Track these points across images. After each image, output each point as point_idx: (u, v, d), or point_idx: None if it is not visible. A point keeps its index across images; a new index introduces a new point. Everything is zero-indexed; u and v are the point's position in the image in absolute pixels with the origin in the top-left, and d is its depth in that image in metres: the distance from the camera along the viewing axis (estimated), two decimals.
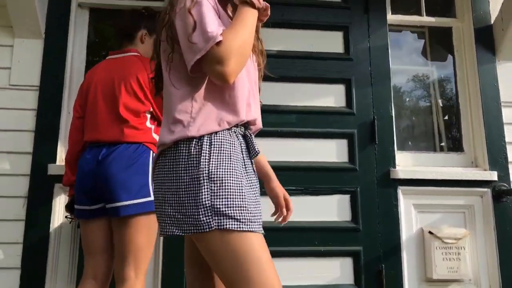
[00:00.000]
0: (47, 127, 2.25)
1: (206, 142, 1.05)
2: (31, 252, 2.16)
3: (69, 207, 1.93)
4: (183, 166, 1.04)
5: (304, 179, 2.38)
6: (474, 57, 2.62)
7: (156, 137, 1.86)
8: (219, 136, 1.07)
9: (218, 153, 1.05)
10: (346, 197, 2.40)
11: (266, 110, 2.36)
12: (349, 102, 2.48)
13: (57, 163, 2.23)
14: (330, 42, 2.55)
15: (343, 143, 2.45)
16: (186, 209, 1.01)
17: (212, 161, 1.03)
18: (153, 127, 1.85)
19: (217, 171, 1.02)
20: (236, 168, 1.06)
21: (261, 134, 2.31)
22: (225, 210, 1.00)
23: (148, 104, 1.82)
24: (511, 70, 2.60)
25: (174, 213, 1.03)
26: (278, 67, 2.45)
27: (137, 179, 1.71)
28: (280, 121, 2.42)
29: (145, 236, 1.71)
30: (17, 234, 2.17)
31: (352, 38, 2.56)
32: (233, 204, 1.01)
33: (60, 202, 2.23)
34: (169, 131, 1.07)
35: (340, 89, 2.51)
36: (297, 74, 2.48)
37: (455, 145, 2.69)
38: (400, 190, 2.41)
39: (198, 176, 1.01)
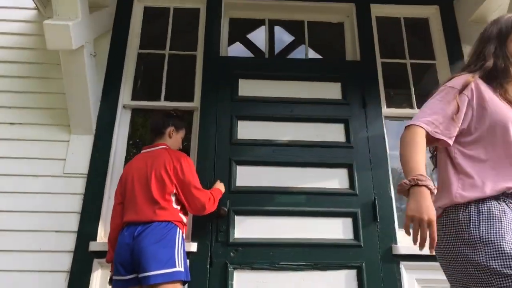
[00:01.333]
0: (91, 209, 2.64)
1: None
2: None
3: (110, 281, 2.23)
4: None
5: (314, 255, 2.63)
6: None
7: (183, 217, 2.22)
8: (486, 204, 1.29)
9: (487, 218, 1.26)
10: (353, 272, 2.61)
11: (279, 192, 2.74)
12: (352, 184, 2.81)
13: (97, 240, 2.58)
14: (333, 132, 2.95)
15: (348, 221, 2.73)
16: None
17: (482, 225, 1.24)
18: (178, 207, 2.21)
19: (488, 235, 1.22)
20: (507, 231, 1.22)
21: (274, 213, 2.66)
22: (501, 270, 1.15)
23: (172, 187, 2.20)
24: None
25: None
26: (289, 154, 2.85)
27: (165, 251, 2.03)
28: (291, 201, 2.75)
29: None
30: None
31: (352, 128, 2.96)
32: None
33: (97, 276, 2.53)
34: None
35: (343, 172, 2.85)
36: (305, 160, 2.85)
37: None
38: (403, 265, 2.62)
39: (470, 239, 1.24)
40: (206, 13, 3.27)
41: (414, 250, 2.58)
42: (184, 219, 2.26)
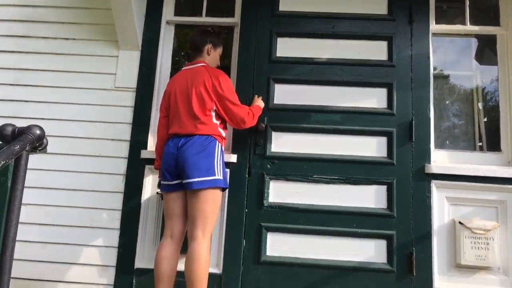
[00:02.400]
0: (141, 120, 2.88)
1: None
2: (127, 217, 2.80)
3: (159, 185, 2.52)
4: None
5: (346, 170, 2.76)
6: None
7: (222, 131, 2.39)
8: None
9: None
10: (383, 188, 2.74)
11: (315, 110, 2.81)
12: (390, 104, 2.81)
13: (148, 149, 2.86)
14: (375, 50, 2.89)
15: (382, 140, 2.79)
16: None
17: None
18: (218, 122, 2.37)
19: None
20: None
21: (309, 130, 2.77)
22: None
23: (212, 104, 2.35)
24: None
25: None
26: (327, 73, 2.86)
27: (205, 162, 2.24)
28: (327, 119, 2.82)
29: (211, 205, 2.24)
30: (118, 202, 2.83)
31: (396, 46, 2.87)
32: None
33: (148, 180, 2.85)
34: None
35: (382, 92, 2.84)
36: (344, 79, 2.86)
37: (494, 146, 2.88)
38: (434, 184, 2.69)
39: None
40: None
41: (447, 169, 2.65)
42: (223, 133, 2.43)
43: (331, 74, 2.86)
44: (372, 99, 2.84)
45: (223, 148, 2.42)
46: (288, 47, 2.93)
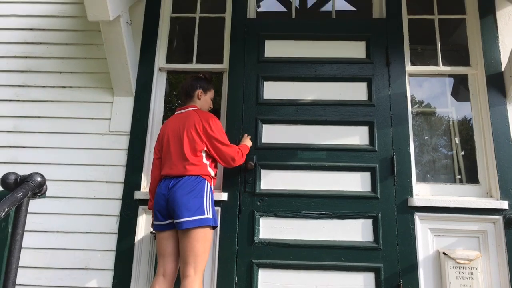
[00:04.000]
0: (135, 163, 3.00)
1: None
2: (121, 257, 2.87)
3: (152, 224, 2.61)
4: None
5: (333, 205, 2.87)
6: (487, 100, 2.99)
7: (211, 171, 2.51)
8: None
9: None
10: (369, 221, 2.84)
11: (301, 148, 2.96)
12: (372, 141, 2.97)
13: (141, 190, 2.96)
14: (356, 91, 3.07)
15: (366, 175, 2.92)
16: None
17: None
18: (208, 162, 2.50)
19: None
20: None
21: (296, 168, 2.89)
22: None
23: (202, 145, 2.48)
24: None
25: None
26: (312, 113, 3.03)
27: (195, 201, 2.35)
28: (313, 157, 2.96)
29: (201, 244, 2.32)
30: (112, 243, 2.90)
31: (375, 87, 3.06)
32: None
33: (142, 220, 2.93)
34: None
35: (364, 130, 3.00)
36: (327, 118, 3.02)
37: (472, 178, 3.02)
38: (417, 216, 2.81)
39: None
40: None
41: (429, 202, 2.78)
42: (213, 172, 2.55)
43: (315, 114, 3.03)
44: (355, 136, 2.99)
45: (212, 187, 2.53)
46: (274, 90, 3.11)
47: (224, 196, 2.90)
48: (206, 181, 2.46)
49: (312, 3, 4.72)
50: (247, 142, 2.84)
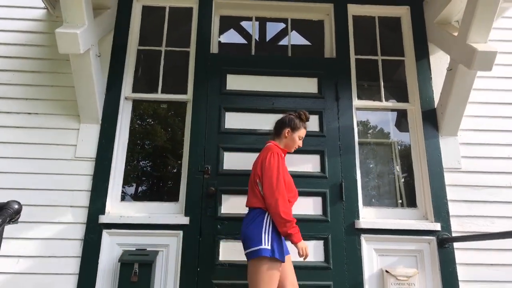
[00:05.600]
0: (99, 187, 3.11)
1: None
2: (84, 281, 2.93)
3: None
4: None
5: None
6: (422, 133, 3.38)
7: None
8: None
9: None
10: (320, 242, 3.10)
11: None
12: (323, 168, 3.26)
13: (105, 214, 3.06)
14: (309, 123, 3.37)
15: (318, 200, 3.20)
16: None
17: None
18: None
19: None
20: None
21: None
22: None
23: (257, 177, 2.56)
24: (450, 143, 3.34)
25: None
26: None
27: (254, 232, 2.42)
28: None
29: (259, 275, 2.33)
30: (75, 267, 2.96)
31: (325, 119, 3.38)
32: None
33: (105, 244, 3.02)
34: None
35: (316, 158, 3.29)
36: None
37: (411, 202, 3.38)
38: (363, 237, 3.10)
39: None
40: (198, 11, 3.63)
41: (374, 224, 3.08)
42: None
43: None
44: (308, 164, 3.28)
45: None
46: (235, 120, 3.35)
47: (186, 220, 3.06)
48: (266, 213, 2.48)
49: (270, 37, 5.08)
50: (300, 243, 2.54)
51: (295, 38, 4.66)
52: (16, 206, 1.71)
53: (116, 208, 3.16)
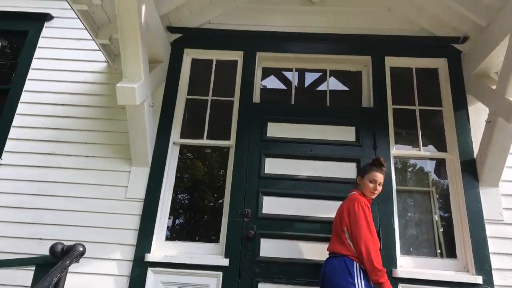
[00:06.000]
0: (146, 227, 3.32)
1: None
2: None
3: None
4: None
5: None
6: (462, 183, 3.38)
7: None
8: None
9: None
10: None
11: (297, 220, 3.30)
12: None
13: (151, 253, 3.25)
14: (346, 170, 3.47)
15: None
16: None
17: None
18: (352, 243, 2.64)
19: None
20: None
21: (293, 237, 3.21)
22: None
23: (344, 225, 2.71)
24: (492, 194, 3.31)
25: None
26: (307, 188, 3.41)
27: (347, 282, 2.51)
28: (308, 228, 3.29)
29: None
30: None
31: None
32: None
33: (150, 281, 3.19)
34: None
35: None
36: (320, 194, 3.39)
37: (451, 253, 3.34)
38: (401, 287, 3.09)
39: None
40: (242, 64, 3.90)
41: (412, 274, 3.08)
42: None
43: (310, 189, 3.41)
44: None
45: (362, 267, 2.59)
46: (274, 166, 3.51)
47: (225, 262, 3.19)
48: (354, 262, 2.59)
49: (309, 83, 5.30)
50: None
51: (333, 84, 4.86)
52: (81, 249, 1.93)
53: (161, 247, 3.34)
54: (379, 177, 2.85)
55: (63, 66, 3.91)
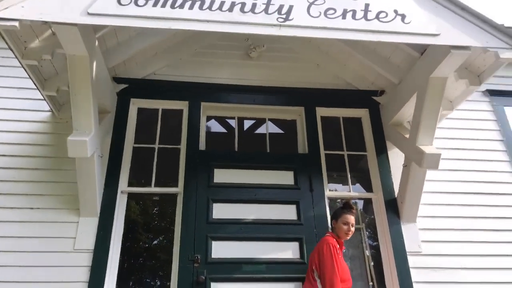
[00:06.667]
0: (97, 279, 3.32)
1: None
2: None
3: None
4: None
5: None
6: (386, 219, 3.85)
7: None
8: None
9: None
10: None
11: (245, 262, 3.52)
12: (302, 254, 3.62)
13: None
14: (287, 212, 3.79)
15: (298, 285, 3.50)
16: None
17: None
18: (318, 280, 2.97)
19: None
20: None
21: (241, 280, 3.42)
22: None
23: (313, 264, 3.03)
24: (411, 228, 3.81)
25: None
26: (253, 231, 3.66)
27: None
28: (254, 270, 3.51)
29: None
30: None
31: (302, 209, 3.81)
32: None
33: None
34: None
35: (295, 245, 3.67)
36: (265, 235, 3.66)
37: (381, 284, 3.75)
38: None
39: None
40: (188, 113, 4.14)
41: None
42: None
43: (256, 232, 3.66)
44: (288, 251, 3.64)
45: None
46: (221, 211, 3.73)
47: None
48: None
49: (248, 126, 5.68)
50: None
51: (271, 127, 5.28)
52: None
53: None
54: (351, 219, 3.19)
55: (5, 115, 3.85)
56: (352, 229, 3.18)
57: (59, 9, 2.71)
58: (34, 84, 3.41)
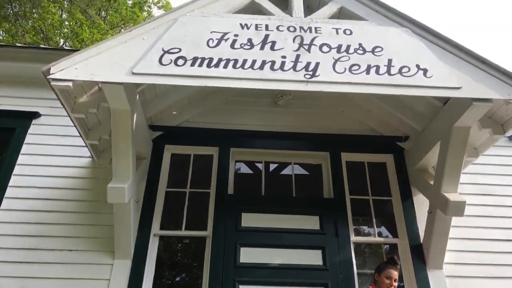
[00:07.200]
0: None
1: None
2: None
3: None
4: None
5: None
6: (412, 265, 3.87)
7: None
8: None
9: None
10: None
11: None
12: None
13: None
14: (313, 257, 3.87)
15: None
16: None
17: None
18: None
19: None
20: None
21: None
22: None
23: None
24: (437, 276, 3.81)
25: None
26: (280, 276, 3.75)
27: None
28: None
29: None
30: None
31: (328, 254, 3.87)
32: None
33: None
34: None
35: None
36: (292, 281, 3.73)
37: None
38: None
39: None
40: (218, 158, 4.34)
41: None
42: None
43: (282, 277, 3.74)
44: None
45: None
46: (249, 255, 3.84)
47: None
48: None
49: (274, 167, 5.82)
50: None
51: (297, 168, 5.40)
52: None
53: None
54: (394, 274, 3.21)
55: (49, 161, 4.14)
56: (395, 284, 3.19)
57: (108, 70, 3.01)
58: (79, 133, 3.68)
